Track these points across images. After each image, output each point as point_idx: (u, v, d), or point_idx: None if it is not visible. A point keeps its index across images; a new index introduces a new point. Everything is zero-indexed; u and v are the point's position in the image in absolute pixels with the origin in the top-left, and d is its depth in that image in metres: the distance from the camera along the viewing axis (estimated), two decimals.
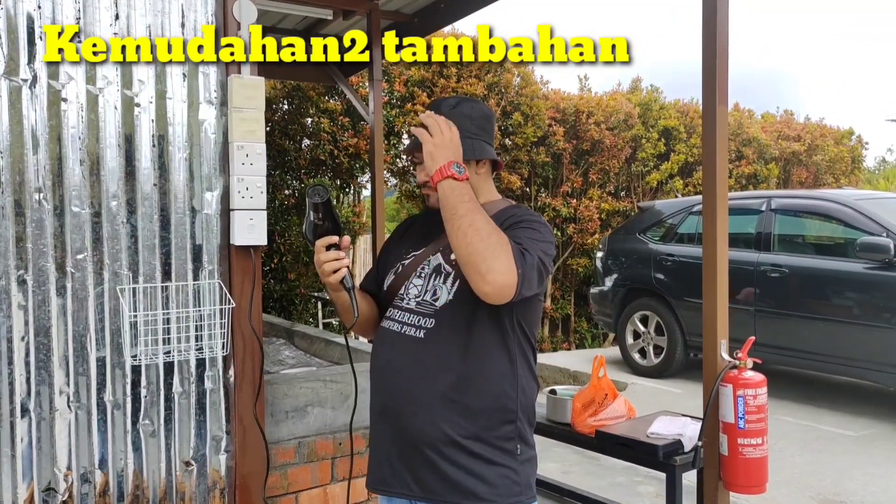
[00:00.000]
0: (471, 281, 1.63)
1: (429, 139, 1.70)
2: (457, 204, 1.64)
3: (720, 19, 2.93)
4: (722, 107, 2.97)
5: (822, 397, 6.11)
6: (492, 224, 1.64)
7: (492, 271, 1.59)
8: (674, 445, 2.90)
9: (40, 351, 2.21)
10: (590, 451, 3.70)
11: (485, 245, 1.59)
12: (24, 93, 2.16)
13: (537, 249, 1.68)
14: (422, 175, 1.85)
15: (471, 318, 1.76)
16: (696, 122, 10.28)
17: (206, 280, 2.45)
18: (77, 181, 2.25)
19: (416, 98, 8.32)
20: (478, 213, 1.64)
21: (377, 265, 2.05)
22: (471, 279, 1.63)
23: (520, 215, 1.80)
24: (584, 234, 9.37)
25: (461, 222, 1.62)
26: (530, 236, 1.71)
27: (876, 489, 4.23)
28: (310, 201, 1.73)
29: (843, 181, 12.42)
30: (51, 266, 2.22)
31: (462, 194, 1.65)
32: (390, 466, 1.82)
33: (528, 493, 1.81)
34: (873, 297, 5.46)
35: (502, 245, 1.61)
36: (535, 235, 1.73)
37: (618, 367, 7.10)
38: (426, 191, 1.87)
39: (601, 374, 3.15)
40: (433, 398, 1.75)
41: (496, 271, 1.59)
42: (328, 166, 8.22)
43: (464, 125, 1.81)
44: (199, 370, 2.46)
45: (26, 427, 2.20)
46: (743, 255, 6.11)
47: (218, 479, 2.51)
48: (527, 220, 1.78)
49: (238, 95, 2.41)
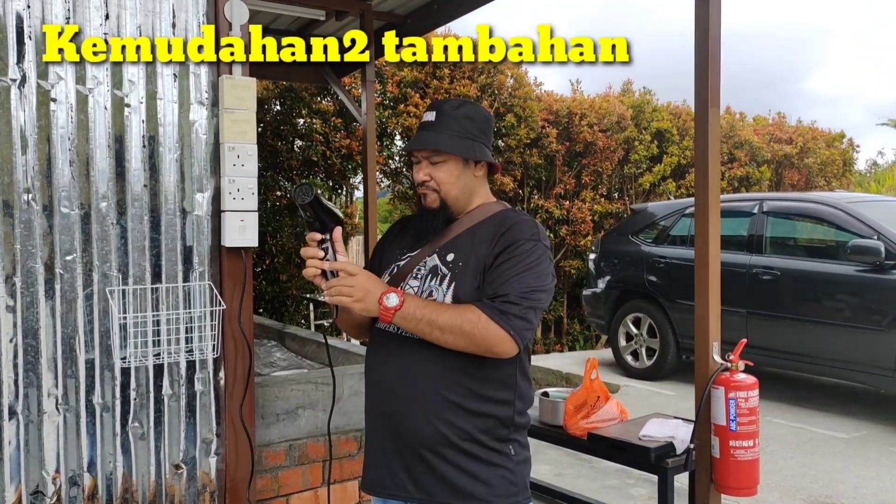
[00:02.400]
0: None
1: (350, 296, 1.71)
2: (417, 327, 1.71)
3: (712, 22, 2.93)
4: (714, 109, 2.97)
5: (813, 399, 6.13)
6: (453, 312, 1.70)
7: (490, 347, 1.69)
8: (666, 448, 2.90)
9: (28, 353, 2.19)
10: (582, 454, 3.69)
11: (465, 336, 1.68)
12: (12, 93, 2.14)
13: (519, 289, 1.71)
14: (420, 174, 1.85)
15: None
16: (688, 124, 10.31)
17: (196, 282, 2.43)
18: (66, 182, 2.23)
19: (408, 99, 8.31)
20: (436, 318, 1.69)
21: (370, 266, 2.04)
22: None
23: (513, 234, 1.78)
24: (577, 236, 9.38)
25: (434, 336, 1.70)
26: (516, 272, 1.72)
27: (867, 491, 4.24)
28: (297, 202, 1.73)
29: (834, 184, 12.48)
30: (39, 267, 2.20)
31: (414, 319, 1.70)
32: (386, 468, 1.82)
33: (524, 493, 1.82)
34: (864, 300, 5.48)
35: (477, 325, 1.67)
36: (521, 267, 1.73)
37: (610, 370, 7.10)
38: (423, 190, 1.86)
39: (593, 377, 3.15)
40: (430, 400, 1.75)
41: (491, 342, 1.68)
42: (320, 167, 8.20)
43: (465, 126, 1.83)
44: (190, 372, 2.45)
45: (14, 429, 2.18)
46: (735, 258, 6.12)
47: (208, 482, 2.49)
48: (517, 242, 1.76)
49: (229, 96, 2.40)
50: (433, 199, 1.85)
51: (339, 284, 1.70)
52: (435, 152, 1.82)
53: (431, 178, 1.84)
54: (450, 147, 1.81)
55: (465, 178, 1.85)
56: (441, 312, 1.69)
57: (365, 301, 1.70)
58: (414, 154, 1.88)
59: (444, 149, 1.81)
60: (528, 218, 1.87)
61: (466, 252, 1.80)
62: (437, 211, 1.86)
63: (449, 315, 1.68)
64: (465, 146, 1.82)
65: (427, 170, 1.84)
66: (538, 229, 1.82)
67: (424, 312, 1.68)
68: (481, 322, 1.67)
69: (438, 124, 1.83)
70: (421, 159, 1.85)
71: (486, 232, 1.82)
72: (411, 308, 1.69)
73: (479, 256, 1.78)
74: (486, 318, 1.67)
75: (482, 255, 1.77)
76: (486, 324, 1.67)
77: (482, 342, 1.68)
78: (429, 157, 1.84)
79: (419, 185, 1.87)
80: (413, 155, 1.89)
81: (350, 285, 1.70)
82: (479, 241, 1.82)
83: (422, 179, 1.85)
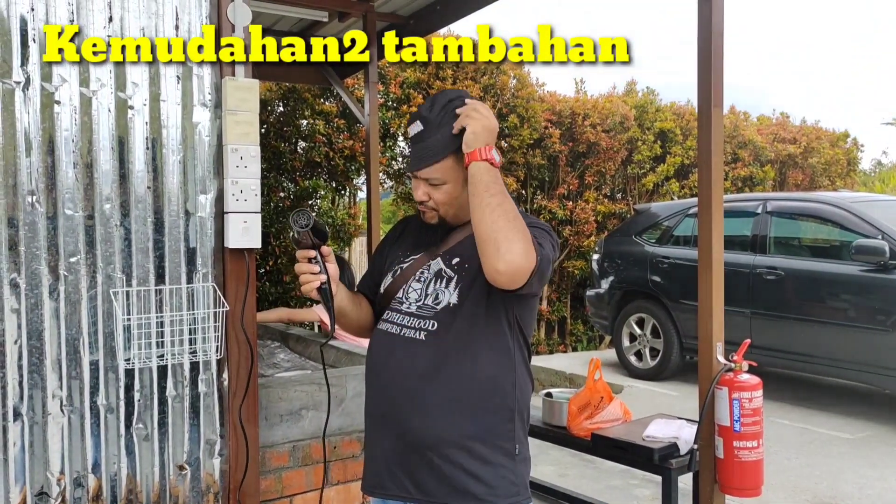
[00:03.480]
0: (485, 259, 1.63)
1: (477, 117, 1.69)
2: (490, 184, 1.65)
3: (715, 22, 2.93)
4: (717, 109, 2.97)
5: (817, 400, 6.12)
6: (518, 213, 1.66)
7: (511, 252, 1.59)
8: (670, 448, 2.90)
9: (33, 354, 2.20)
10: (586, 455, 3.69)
11: (510, 227, 1.61)
12: (17, 95, 2.15)
13: (548, 249, 1.72)
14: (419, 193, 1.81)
15: (472, 320, 1.76)
16: (691, 124, 10.29)
17: (199, 283, 2.44)
18: (70, 184, 2.24)
19: (411, 100, 8.31)
20: (507, 198, 1.66)
21: (372, 266, 2.05)
22: (486, 257, 1.62)
23: (528, 220, 1.79)
24: (580, 237, 9.36)
25: (491, 200, 1.63)
26: (539, 240, 1.72)
27: (871, 492, 4.23)
28: (296, 228, 1.73)
29: (838, 183, 12.44)
30: (44, 269, 2.21)
31: (496, 177, 1.67)
32: (387, 468, 1.82)
33: (525, 493, 1.82)
34: (868, 300, 5.47)
35: (525, 232, 1.63)
36: (543, 240, 1.74)
37: (614, 370, 7.09)
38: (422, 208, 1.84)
39: (597, 377, 3.15)
40: (434, 399, 1.75)
41: (514, 252, 1.60)
42: (323, 168, 8.21)
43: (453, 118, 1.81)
44: (193, 374, 2.45)
45: (19, 431, 2.19)
46: (739, 258, 6.12)
47: (212, 483, 2.50)
48: (534, 224, 1.79)
49: (232, 98, 2.41)
50: (432, 216, 1.85)
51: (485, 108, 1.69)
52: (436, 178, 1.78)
53: (430, 199, 1.82)
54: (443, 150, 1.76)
55: (464, 194, 1.78)
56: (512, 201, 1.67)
57: (483, 132, 1.67)
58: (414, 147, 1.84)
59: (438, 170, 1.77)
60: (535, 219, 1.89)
61: (471, 254, 1.81)
62: (436, 227, 1.87)
63: (515, 208, 1.67)
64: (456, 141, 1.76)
65: (425, 189, 1.81)
66: (544, 224, 1.86)
67: (503, 188, 1.67)
68: (528, 237, 1.63)
69: (427, 133, 1.78)
70: (420, 177, 1.81)
71: None
72: (499, 175, 1.68)
73: None
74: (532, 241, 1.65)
75: None
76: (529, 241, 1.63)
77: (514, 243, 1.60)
78: (427, 179, 1.80)
79: (419, 203, 1.85)
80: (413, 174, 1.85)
81: (488, 116, 1.69)
82: None
83: (420, 199, 1.83)
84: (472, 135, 1.69)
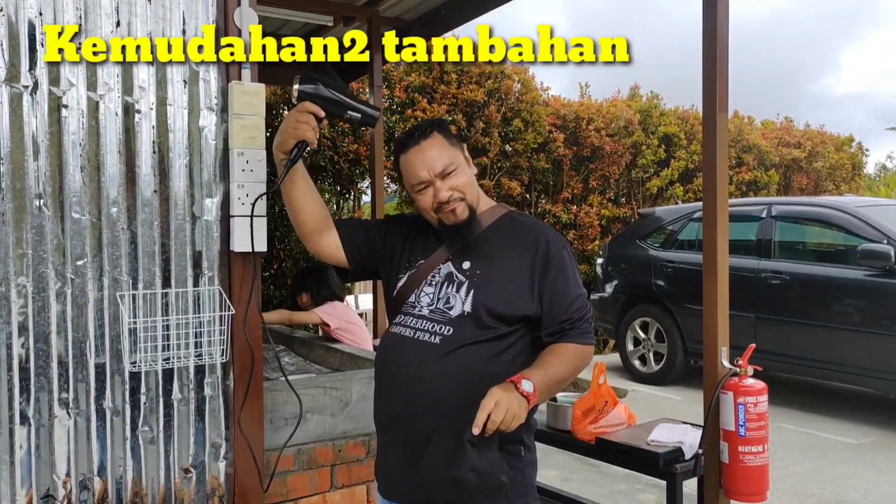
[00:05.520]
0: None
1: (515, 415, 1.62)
2: (552, 392, 1.80)
3: (720, 27, 2.94)
4: (722, 114, 2.97)
5: (822, 405, 6.10)
6: (566, 363, 1.80)
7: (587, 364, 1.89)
8: (674, 453, 2.90)
9: (40, 357, 2.20)
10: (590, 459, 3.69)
11: (577, 371, 1.86)
12: (24, 99, 2.16)
13: (580, 304, 1.88)
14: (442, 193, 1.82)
15: (485, 325, 1.78)
16: (696, 128, 10.29)
17: (205, 286, 2.44)
18: (77, 187, 2.24)
19: (416, 104, 8.32)
20: (553, 377, 1.76)
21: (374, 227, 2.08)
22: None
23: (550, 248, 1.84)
24: (585, 241, 9.36)
25: (560, 387, 1.84)
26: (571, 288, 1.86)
27: (877, 497, 4.21)
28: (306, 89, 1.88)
29: (843, 188, 12.43)
30: (50, 272, 2.21)
31: (548, 386, 1.75)
32: (399, 472, 1.83)
33: (533, 494, 1.85)
34: (874, 305, 5.46)
35: (581, 359, 1.85)
36: (571, 282, 1.86)
37: (618, 374, 7.09)
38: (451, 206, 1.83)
39: (601, 381, 3.15)
40: (448, 403, 1.76)
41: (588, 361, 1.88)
42: (328, 172, 8.22)
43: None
44: (199, 377, 2.45)
45: (25, 434, 2.19)
46: (743, 262, 6.11)
47: (217, 487, 2.50)
48: (554, 252, 1.84)
49: (239, 102, 2.41)
50: (462, 208, 1.83)
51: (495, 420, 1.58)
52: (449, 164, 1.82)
53: (454, 190, 1.82)
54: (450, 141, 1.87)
55: (474, 179, 1.90)
56: (558, 370, 1.77)
57: (520, 409, 1.62)
58: (420, 182, 1.85)
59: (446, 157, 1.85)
60: (541, 223, 1.92)
61: (484, 258, 1.82)
62: (467, 222, 1.84)
63: (564, 368, 1.79)
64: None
65: (445, 183, 1.82)
66: (557, 233, 1.93)
67: (547, 383, 1.73)
68: (582, 354, 1.84)
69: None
70: (432, 180, 1.82)
71: (504, 239, 1.85)
72: (542, 384, 1.71)
73: (509, 269, 1.82)
74: (580, 348, 1.84)
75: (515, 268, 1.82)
76: (585, 351, 1.85)
77: (584, 366, 1.87)
78: (441, 173, 1.82)
79: (443, 205, 1.83)
80: (419, 184, 1.85)
81: (502, 410, 1.59)
82: (496, 247, 1.84)
83: (445, 197, 1.82)
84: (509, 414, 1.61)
